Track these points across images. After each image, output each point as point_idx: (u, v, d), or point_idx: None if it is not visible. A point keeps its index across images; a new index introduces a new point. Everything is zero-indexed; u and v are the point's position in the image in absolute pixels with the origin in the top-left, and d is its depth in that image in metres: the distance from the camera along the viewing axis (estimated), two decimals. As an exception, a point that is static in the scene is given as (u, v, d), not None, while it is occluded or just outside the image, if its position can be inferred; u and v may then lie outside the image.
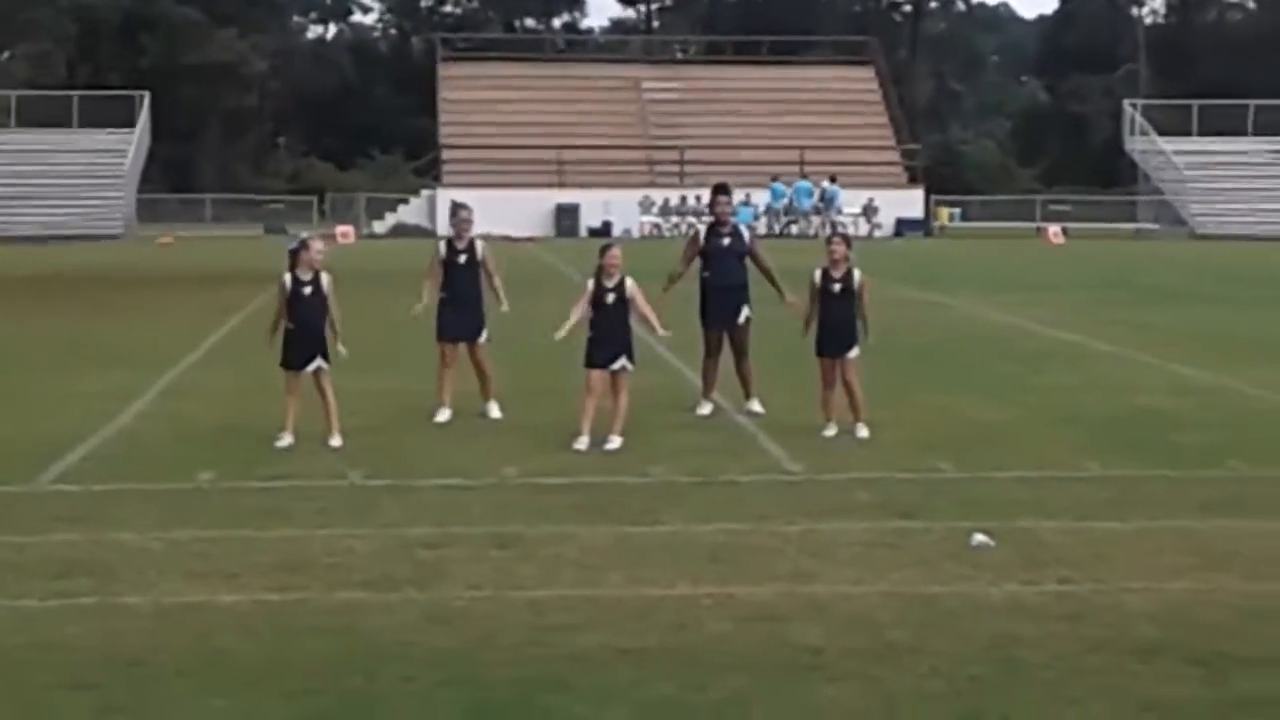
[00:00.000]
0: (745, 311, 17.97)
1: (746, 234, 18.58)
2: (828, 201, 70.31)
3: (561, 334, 16.16)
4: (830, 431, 16.31)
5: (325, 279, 16.01)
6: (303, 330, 15.91)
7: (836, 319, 16.45)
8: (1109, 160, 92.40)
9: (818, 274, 16.60)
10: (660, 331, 16.25)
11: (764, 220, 68.20)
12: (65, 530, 12.16)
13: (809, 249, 26.03)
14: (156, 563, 11.18)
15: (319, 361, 15.96)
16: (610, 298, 16.03)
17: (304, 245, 16.11)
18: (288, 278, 15.97)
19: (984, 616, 9.86)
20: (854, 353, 16.47)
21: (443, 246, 17.82)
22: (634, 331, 16.30)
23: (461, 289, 17.46)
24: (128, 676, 8.72)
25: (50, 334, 27.36)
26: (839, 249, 16.61)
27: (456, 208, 17.92)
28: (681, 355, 20.49)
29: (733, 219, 18.51)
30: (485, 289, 17.68)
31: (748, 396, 17.98)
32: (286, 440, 15.68)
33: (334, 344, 16.08)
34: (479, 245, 17.67)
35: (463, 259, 17.49)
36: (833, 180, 70.43)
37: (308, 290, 15.91)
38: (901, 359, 21.68)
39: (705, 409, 17.86)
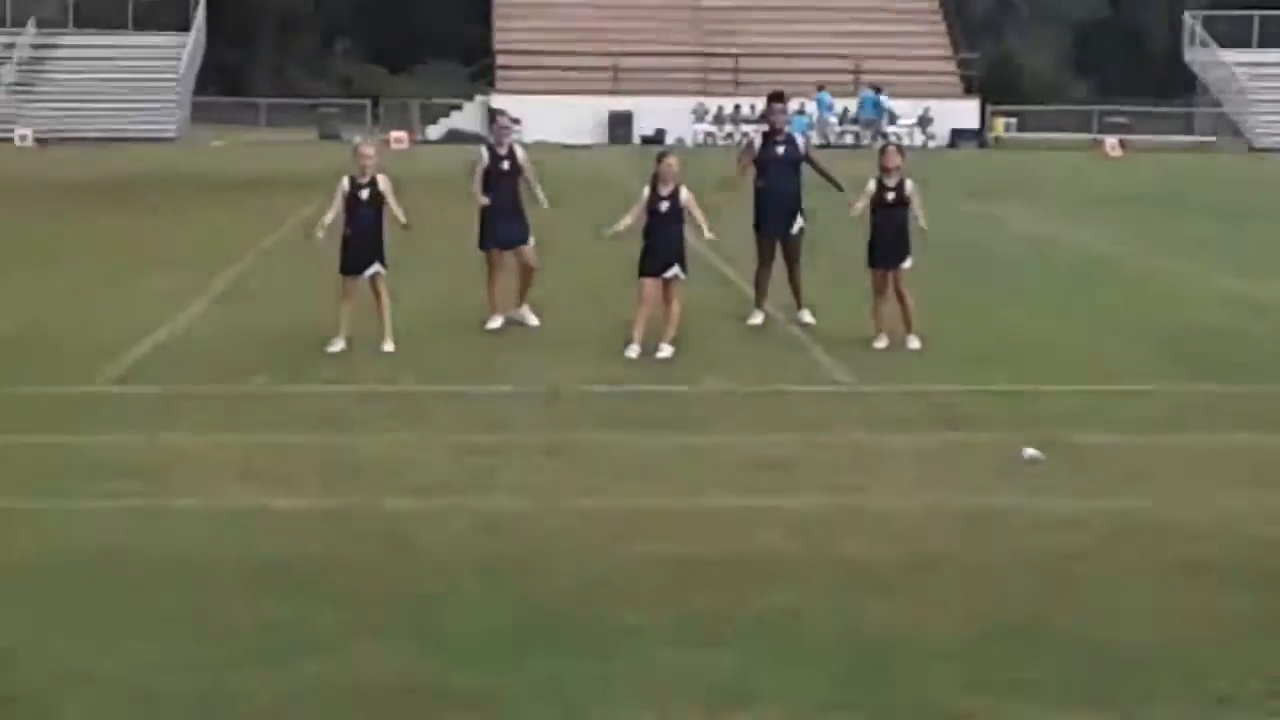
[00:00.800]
0: (799, 221, 17.91)
1: (801, 141, 18.52)
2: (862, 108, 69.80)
3: (611, 231, 16.11)
4: (882, 343, 16.27)
5: (383, 181, 16.00)
6: (359, 235, 15.91)
7: (890, 229, 16.38)
8: (1168, 72, 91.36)
9: (872, 183, 16.52)
10: (708, 234, 16.19)
11: (815, 131, 67.76)
12: (120, 432, 12.25)
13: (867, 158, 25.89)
14: (209, 466, 11.26)
15: (376, 266, 15.97)
16: (664, 206, 16.00)
17: (355, 150, 16.12)
18: (346, 180, 15.97)
19: (1033, 531, 9.86)
20: (907, 263, 16.40)
21: (485, 153, 17.79)
22: (687, 241, 16.27)
23: (505, 195, 17.41)
24: (180, 580, 8.79)
25: (105, 237, 27.43)
26: (893, 158, 16.53)
27: (495, 114, 17.91)
28: (735, 265, 20.45)
29: (788, 128, 18.45)
30: (526, 194, 17.64)
31: (799, 306, 17.94)
32: (339, 345, 15.72)
33: (404, 221, 16.01)
34: (519, 150, 17.64)
35: (505, 165, 17.45)
36: (877, 90, 69.80)
37: (365, 194, 15.90)
38: (954, 272, 21.58)
39: (757, 319, 17.84)
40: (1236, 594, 8.69)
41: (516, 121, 17.71)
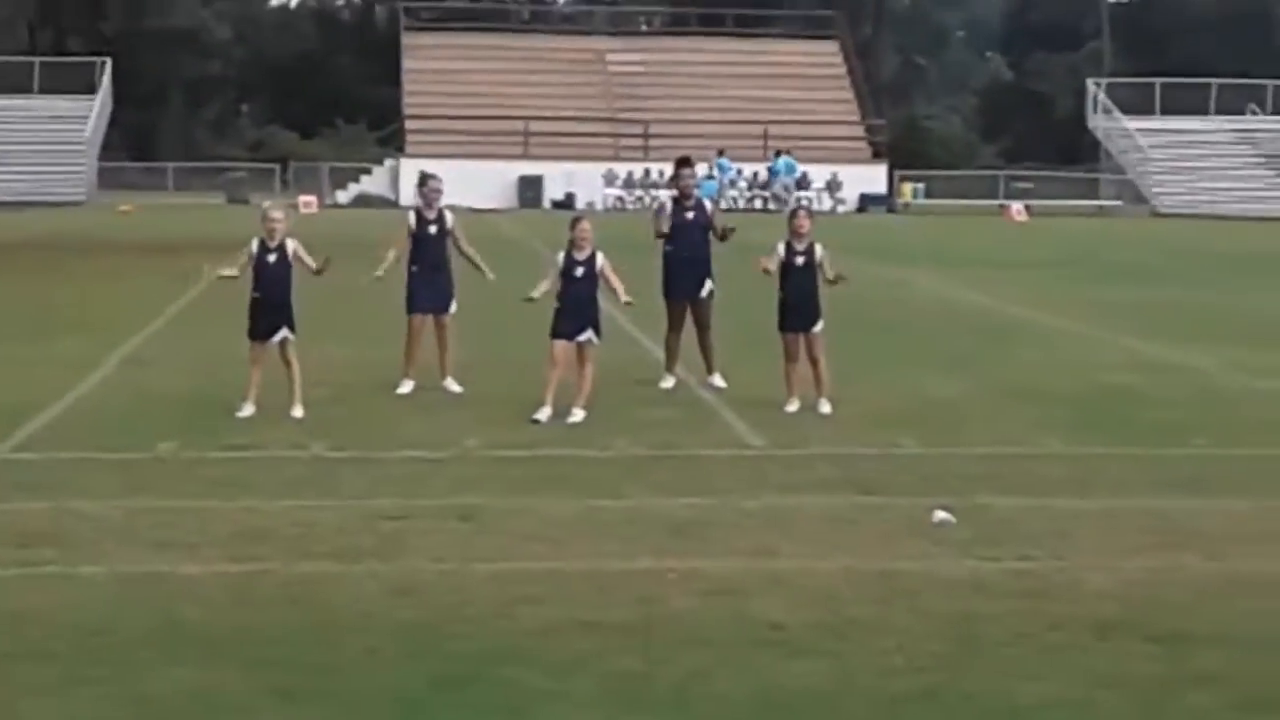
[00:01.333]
0: (708, 285, 17.99)
1: (709, 206, 18.64)
2: (773, 175, 70.25)
3: (533, 295, 16.10)
4: (793, 407, 16.34)
5: (291, 245, 15.95)
6: (268, 299, 15.85)
7: (800, 293, 16.47)
8: (1072, 137, 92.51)
9: (781, 247, 16.61)
10: (623, 299, 16.23)
11: (727, 195, 68.05)
12: (26, 499, 12.12)
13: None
14: (117, 532, 11.16)
15: (285, 332, 15.90)
16: (579, 270, 16.05)
17: (264, 215, 16.08)
18: (255, 243, 15.92)
19: (945, 593, 9.90)
20: (818, 327, 16.49)
21: (412, 217, 17.73)
22: (601, 306, 16.31)
23: (432, 260, 17.38)
24: (89, 647, 8.70)
25: (10, 301, 27.21)
26: (804, 222, 16.64)
27: (426, 177, 17.85)
28: (645, 329, 20.49)
29: (696, 192, 18.54)
30: (455, 259, 17.62)
31: (710, 371, 17.99)
32: (248, 410, 15.63)
33: (318, 266, 15.97)
34: (448, 216, 17.61)
35: (433, 229, 17.42)
36: (778, 155, 70.13)
37: (273, 258, 15.85)
38: (864, 335, 21.72)
39: (668, 383, 17.87)
40: (1146, 655, 8.75)
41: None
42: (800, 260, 16.51)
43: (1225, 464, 14.08)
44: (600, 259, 16.10)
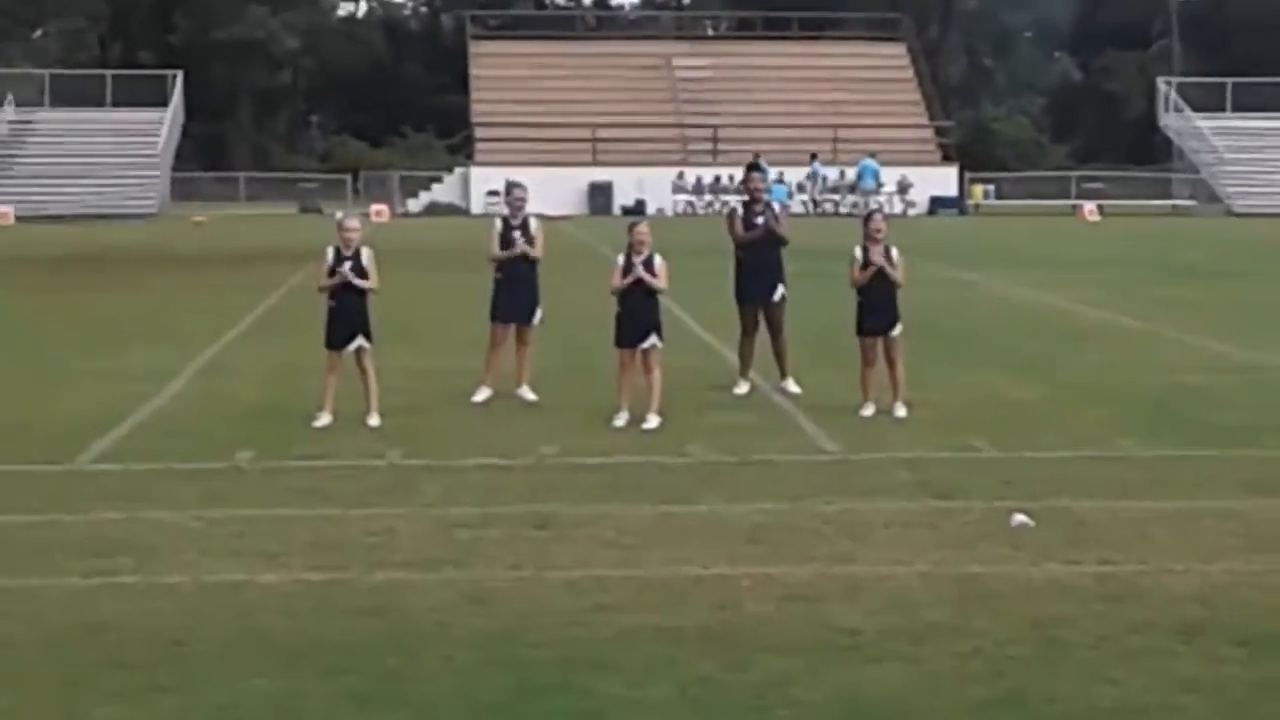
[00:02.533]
0: (780, 290, 17.94)
1: (779, 209, 18.59)
2: (860, 177, 70.04)
3: (616, 285, 16.06)
4: (868, 411, 16.27)
5: (366, 254, 16.01)
6: (344, 308, 15.93)
7: (879, 296, 16.40)
8: (1143, 137, 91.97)
9: (858, 251, 16.54)
10: (661, 286, 16.09)
11: (798, 198, 67.96)
12: (106, 509, 12.20)
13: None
14: (196, 542, 11.22)
15: (361, 340, 15.97)
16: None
17: (340, 224, 16.15)
18: (331, 253, 15.99)
19: (1024, 597, 9.84)
20: (897, 330, 16.42)
21: (499, 224, 17.73)
22: (664, 308, 16.31)
23: (517, 269, 17.37)
24: (169, 655, 8.75)
25: (88, 314, 27.43)
26: (880, 225, 16.57)
27: (511, 186, 17.82)
28: (718, 334, 20.47)
29: (766, 195, 18.50)
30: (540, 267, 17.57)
31: (783, 375, 17.95)
32: (325, 420, 15.70)
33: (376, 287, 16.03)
34: (533, 222, 17.60)
35: (518, 235, 17.41)
36: (813, 158, 69.55)
37: (348, 267, 15.91)
38: (937, 338, 21.62)
39: (742, 388, 17.83)
40: (1231, 658, 8.67)
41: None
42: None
43: (1305, 465, 13.95)
44: (659, 261, 16.09)
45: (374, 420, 15.74)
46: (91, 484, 13.21)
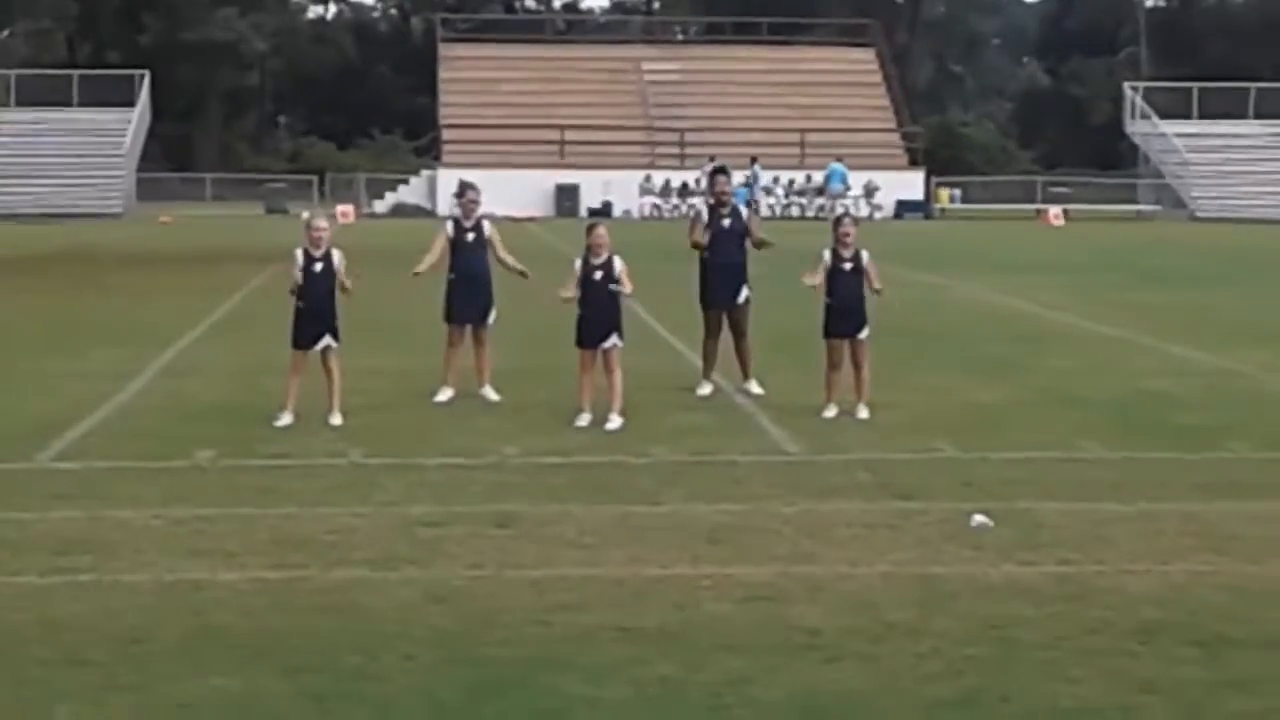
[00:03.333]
0: (745, 292, 17.96)
1: (745, 212, 18.61)
2: (828, 181, 70.06)
3: (565, 295, 16.10)
4: (830, 412, 16.30)
5: (336, 255, 15.98)
6: (313, 308, 15.90)
7: (847, 298, 16.43)
8: (1109, 143, 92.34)
9: (827, 254, 16.57)
10: (627, 289, 16.13)
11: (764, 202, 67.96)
12: (65, 508, 12.16)
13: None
14: (156, 540, 11.18)
15: (328, 339, 15.94)
16: (598, 275, 16.05)
17: (308, 224, 16.12)
18: (300, 254, 15.96)
19: (983, 597, 9.86)
20: (864, 333, 16.45)
21: (450, 226, 17.72)
22: (624, 309, 16.31)
23: (470, 269, 17.38)
24: (127, 654, 8.72)
25: (51, 312, 27.34)
26: (849, 230, 16.62)
27: (464, 188, 17.81)
28: (681, 336, 20.48)
29: (732, 200, 18.50)
30: (493, 267, 17.62)
31: (746, 377, 17.96)
32: (286, 419, 15.66)
33: (344, 294, 15.99)
34: (486, 224, 17.61)
35: (470, 238, 17.42)
36: (753, 161, 69.01)
37: (318, 267, 15.88)
38: (901, 340, 21.65)
39: (705, 389, 17.85)
40: (1189, 659, 8.70)
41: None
42: (848, 266, 16.48)
43: (1264, 467, 14.01)
44: (619, 263, 16.10)
45: (336, 419, 15.71)
46: (51, 482, 13.15)
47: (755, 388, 17.79)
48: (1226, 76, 79.70)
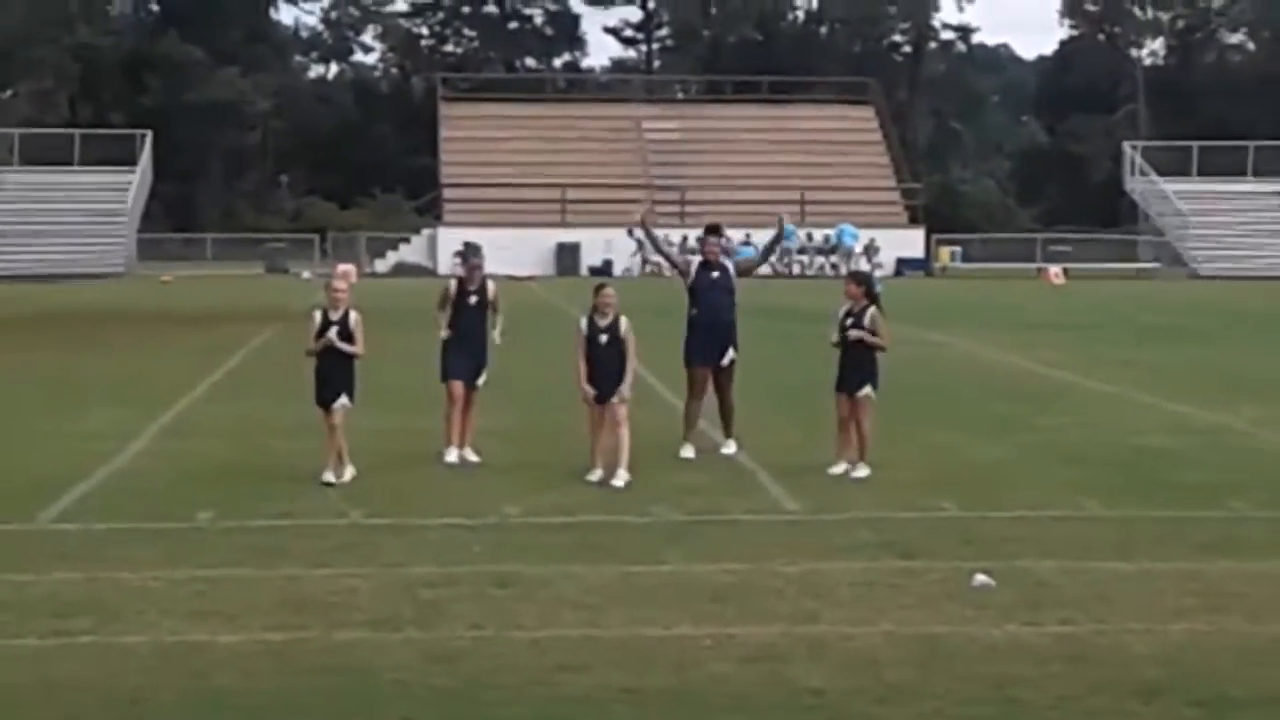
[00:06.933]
0: (731, 353, 17.83)
1: (730, 266, 18.43)
2: (839, 240, 70.28)
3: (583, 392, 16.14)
4: (838, 469, 16.29)
5: (354, 317, 16.00)
6: (329, 370, 15.92)
7: (852, 356, 16.48)
8: (1109, 200, 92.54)
9: (841, 311, 16.64)
10: (629, 380, 16.11)
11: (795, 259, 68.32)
12: (65, 569, 12.13)
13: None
14: (156, 602, 11.16)
15: (344, 399, 15.94)
16: (604, 337, 16.05)
17: (328, 285, 16.14)
18: (318, 314, 15.98)
19: (986, 657, 9.84)
20: (864, 391, 16.44)
21: (453, 285, 17.73)
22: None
23: (468, 329, 17.39)
24: (127, 716, 8.70)
25: (51, 372, 27.33)
26: (851, 289, 16.70)
27: (469, 252, 17.81)
28: (683, 395, 20.44)
29: (723, 259, 18.31)
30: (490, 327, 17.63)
31: (727, 435, 17.85)
32: (331, 477, 15.61)
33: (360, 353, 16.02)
34: (490, 286, 17.61)
35: (473, 300, 17.43)
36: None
37: (334, 331, 15.88)
38: (903, 398, 21.60)
39: (688, 452, 17.59)
40: (1190, 719, 8.67)
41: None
42: (851, 323, 16.53)
43: (1264, 525, 14.00)
44: (625, 323, 16.10)
45: (328, 476, 15.65)
46: (51, 543, 13.13)
47: (730, 449, 17.65)
48: (1224, 134, 79.95)
